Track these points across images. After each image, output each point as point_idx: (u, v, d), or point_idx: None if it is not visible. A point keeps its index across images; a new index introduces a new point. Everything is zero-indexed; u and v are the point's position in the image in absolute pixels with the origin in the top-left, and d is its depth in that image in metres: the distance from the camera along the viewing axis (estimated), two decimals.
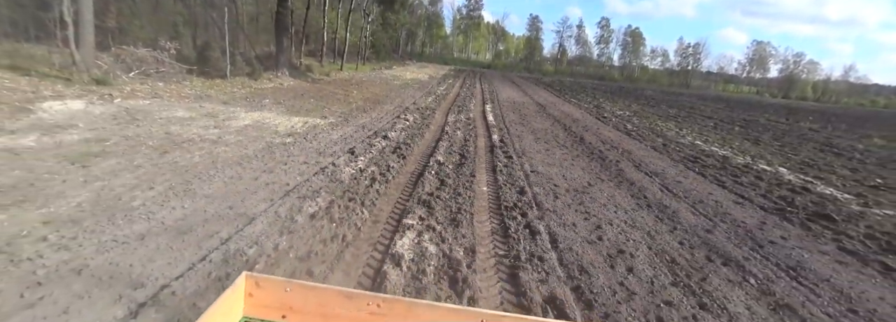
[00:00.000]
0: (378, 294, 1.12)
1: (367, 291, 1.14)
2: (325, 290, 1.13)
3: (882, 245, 5.04)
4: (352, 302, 1.11)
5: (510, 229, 4.04)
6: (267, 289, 1.13)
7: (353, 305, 1.11)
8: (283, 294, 1.12)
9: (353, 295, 1.12)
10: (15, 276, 2.48)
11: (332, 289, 1.14)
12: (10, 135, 4.83)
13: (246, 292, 1.13)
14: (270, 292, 1.13)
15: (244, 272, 1.15)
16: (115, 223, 3.26)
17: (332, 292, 1.12)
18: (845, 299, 3.60)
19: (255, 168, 4.93)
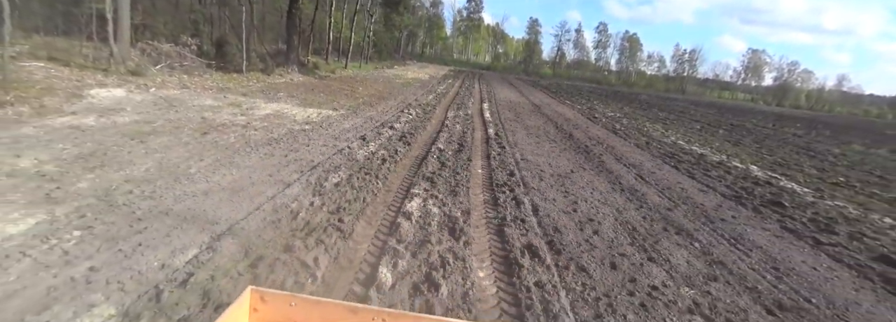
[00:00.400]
0: (383, 309, 1.12)
1: (372, 306, 1.14)
2: (330, 305, 1.13)
3: (820, 226, 5.87)
4: (357, 316, 1.10)
5: (499, 200, 4.85)
6: (271, 303, 1.14)
7: (358, 320, 1.11)
8: (288, 309, 1.13)
9: (357, 309, 1.11)
10: (120, 215, 3.27)
11: (337, 303, 1.13)
12: (73, 115, 5.61)
13: (251, 307, 1.14)
14: (275, 307, 1.14)
15: (249, 287, 1.15)
16: (180, 183, 4.05)
17: (336, 307, 1.12)
18: (771, 260, 4.42)
19: (282, 148, 5.73)
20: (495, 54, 78.17)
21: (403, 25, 34.75)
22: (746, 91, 77.63)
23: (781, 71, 77.59)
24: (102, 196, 3.54)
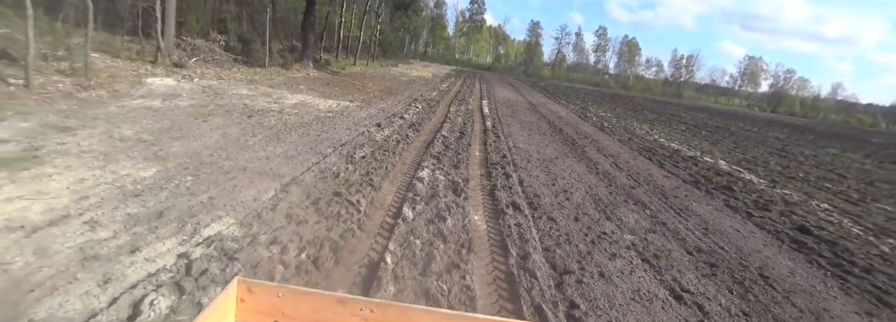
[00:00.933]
0: (371, 299, 1.13)
1: (360, 297, 1.13)
2: (318, 296, 1.13)
3: (758, 205, 7.06)
4: (345, 307, 1.11)
5: (492, 174, 6.03)
6: (259, 294, 1.14)
7: (346, 311, 1.11)
8: (276, 299, 1.13)
9: (346, 300, 1.11)
10: (213, 169, 4.44)
11: (325, 294, 1.14)
12: (143, 98, 6.78)
13: (238, 298, 1.14)
14: (263, 298, 1.13)
15: (236, 277, 1.14)
16: (245, 151, 5.22)
17: (324, 298, 1.12)
18: (704, 223, 5.60)
19: (314, 129, 6.90)
20: (496, 55, 79.41)
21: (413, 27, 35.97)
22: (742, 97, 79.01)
23: (777, 78, 78.98)
24: (193, 156, 4.71)
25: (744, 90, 79.11)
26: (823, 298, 3.87)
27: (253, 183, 4.19)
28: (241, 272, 2.62)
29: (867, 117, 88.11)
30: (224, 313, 1.09)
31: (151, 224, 3.09)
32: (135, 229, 2.98)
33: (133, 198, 3.46)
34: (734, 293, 3.69)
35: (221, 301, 1.06)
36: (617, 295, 3.27)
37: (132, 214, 3.19)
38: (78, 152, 4.22)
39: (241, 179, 4.24)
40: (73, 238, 2.74)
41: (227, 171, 4.40)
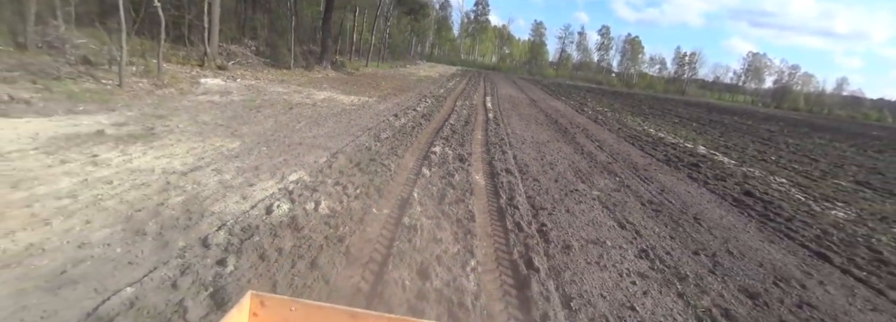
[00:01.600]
0: (383, 314, 1.12)
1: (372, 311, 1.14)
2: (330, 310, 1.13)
3: (717, 178, 8.36)
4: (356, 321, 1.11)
5: (491, 151, 7.43)
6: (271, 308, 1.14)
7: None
8: (288, 314, 1.13)
9: (357, 315, 1.11)
10: (278, 144, 5.88)
11: (337, 308, 1.13)
12: (204, 95, 8.27)
13: (250, 312, 1.14)
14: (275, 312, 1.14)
15: (249, 291, 1.16)
16: (295, 133, 6.67)
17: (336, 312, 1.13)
18: (662, 187, 6.94)
19: (344, 118, 8.35)
20: (501, 55, 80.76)
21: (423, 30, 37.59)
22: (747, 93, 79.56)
23: (782, 74, 79.44)
24: (260, 135, 6.16)
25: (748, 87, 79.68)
26: (738, 232, 5.21)
27: (310, 152, 5.63)
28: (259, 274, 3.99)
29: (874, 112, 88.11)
30: None
31: (253, 173, 4.53)
32: (245, 175, 4.42)
33: (233, 158, 4.91)
34: (667, 226, 5.04)
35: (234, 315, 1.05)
36: (575, 222, 4.64)
37: (239, 167, 4.63)
38: (180, 131, 5.68)
39: (300, 150, 5.68)
40: (210, 178, 4.19)
41: (288, 145, 5.84)
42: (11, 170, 3.61)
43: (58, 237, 2.72)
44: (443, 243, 3.44)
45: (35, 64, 7.05)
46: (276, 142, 5.93)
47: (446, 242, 3.48)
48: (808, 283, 3.90)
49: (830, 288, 3.88)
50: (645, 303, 3.08)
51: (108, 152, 4.43)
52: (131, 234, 2.90)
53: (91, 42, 9.28)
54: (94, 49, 8.88)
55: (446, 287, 2.78)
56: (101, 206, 3.23)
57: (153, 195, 3.58)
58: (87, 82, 7.11)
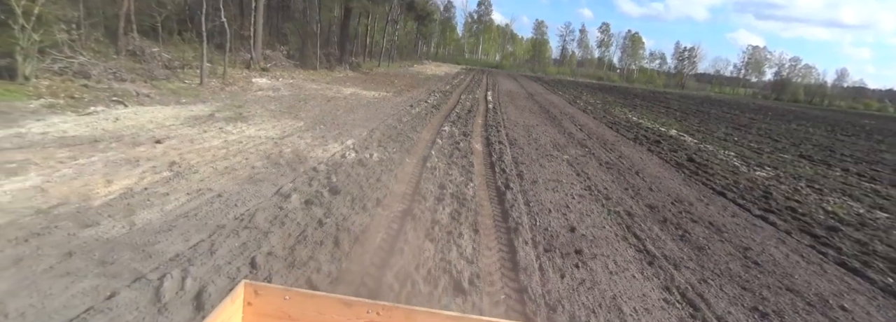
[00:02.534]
0: (377, 302, 1.14)
1: (366, 300, 1.16)
2: (324, 298, 1.15)
3: (671, 150, 10.34)
4: (351, 310, 1.13)
5: (489, 130, 9.51)
6: (266, 297, 1.16)
7: (352, 313, 1.13)
8: (282, 302, 1.15)
9: (351, 303, 1.13)
10: (329, 124, 8.01)
11: (331, 297, 1.16)
12: (260, 91, 10.43)
13: (245, 301, 1.16)
14: (269, 301, 1.16)
15: (243, 281, 1.17)
16: (339, 117, 8.79)
17: (330, 300, 1.15)
18: (621, 155, 8.96)
19: (371, 108, 10.47)
20: (504, 54, 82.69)
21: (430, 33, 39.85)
22: (747, 86, 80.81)
23: (782, 67, 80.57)
24: (314, 118, 8.29)
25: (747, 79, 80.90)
26: (664, 180, 7.24)
27: (354, 128, 7.75)
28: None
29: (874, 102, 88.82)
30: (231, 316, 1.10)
31: (322, 139, 6.65)
32: (318, 140, 6.54)
33: (305, 131, 7.04)
34: (612, 175, 7.09)
35: (228, 304, 1.08)
36: (544, 171, 6.70)
37: (312, 136, 6.76)
38: (259, 115, 7.83)
39: (346, 127, 7.80)
40: (298, 141, 6.31)
41: (337, 124, 7.97)
42: (182, 135, 5.75)
43: (238, 164, 4.85)
44: (452, 175, 5.54)
45: (137, 68, 9.23)
46: (328, 122, 8.05)
47: (455, 175, 5.57)
48: (697, 204, 5.94)
49: (711, 207, 5.91)
50: (577, 206, 5.15)
51: (225, 126, 6.58)
52: (273, 165, 5.03)
53: (162, 50, 11.46)
54: (167, 56, 11.06)
55: (454, 193, 4.87)
56: (247, 152, 5.36)
57: (271, 148, 5.71)
58: (176, 82, 9.28)
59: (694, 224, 5.00)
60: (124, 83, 7.89)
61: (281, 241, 3.19)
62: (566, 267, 3.40)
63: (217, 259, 2.81)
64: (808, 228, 5.32)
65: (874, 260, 4.43)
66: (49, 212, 3.18)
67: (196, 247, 2.93)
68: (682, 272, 3.61)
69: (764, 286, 3.55)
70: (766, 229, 5.14)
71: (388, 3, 22.31)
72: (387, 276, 2.83)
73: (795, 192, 7.32)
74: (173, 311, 2.26)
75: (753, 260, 4.10)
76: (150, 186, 3.90)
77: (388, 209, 4.11)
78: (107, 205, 3.41)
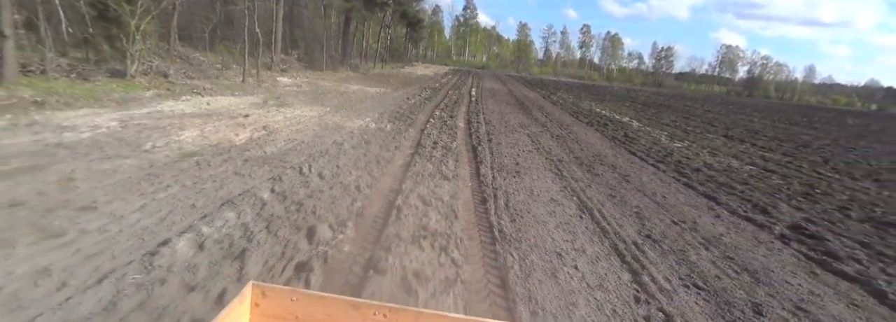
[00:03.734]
0: (384, 304, 1.14)
1: (373, 301, 1.16)
2: (332, 300, 1.15)
3: (613, 130, 13.09)
4: (358, 311, 1.13)
5: (470, 116, 12.20)
6: (273, 299, 1.16)
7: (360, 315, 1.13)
8: (290, 304, 1.15)
9: (359, 305, 1.14)
10: (350, 109, 10.63)
11: (339, 298, 1.16)
12: (287, 87, 13.00)
13: (252, 302, 1.16)
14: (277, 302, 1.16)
15: (251, 282, 1.18)
16: (354, 106, 11.41)
17: (338, 302, 1.15)
18: (571, 133, 11.70)
19: (376, 100, 13.09)
20: (491, 55, 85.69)
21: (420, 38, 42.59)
22: (721, 84, 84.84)
23: (754, 64, 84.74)
24: (336, 106, 10.90)
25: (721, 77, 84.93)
26: (596, 146, 9.97)
27: (368, 113, 10.38)
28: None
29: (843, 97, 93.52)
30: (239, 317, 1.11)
31: (349, 118, 9.27)
32: (345, 118, 9.16)
33: (333, 113, 9.66)
34: (558, 143, 9.79)
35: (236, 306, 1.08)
36: (507, 139, 9.38)
37: (340, 116, 9.37)
38: (296, 103, 10.41)
39: (363, 111, 10.43)
40: (331, 118, 8.93)
41: (355, 109, 10.59)
42: (256, 113, 8.32)
43: (302, 128, 7.45)
44: (442, 138, 8.19)
45: (193, 69, 11.74)
46: (347, 108, 10.67)
47: (444, 138, 8.22)
48: (610, 157, 8.67)
49: (620, 159, 8.64)
50: (525, 155, 7.83)
51: (279, 109, 9.17)
52: (323, 129, 7.64)
53: (200, 55, 13.96)
54: (206, 60, 13.56)
55: (443, 145, 7.53)
56: (304, 123, 7.97)
57: (318, 121, 8.32)
58: (224, 80, 11.80)
59: (601, 165, 7.72)
60: (192, 80, 10.41)
61: (346, 160, 5.81)
62: (508, 176, 6.06)
63: (318, 165, 5.42)
64: (679, 169, 8.07)
65: (709, 183, 7.19)
66: (218, 145, 5.76)
67: (305, 160, 5.54)
68: (577, 182, 6.30)
69: (625, 190, 6.26)
70: (649, 169, 7.88)
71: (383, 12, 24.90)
72: (407, 177, 5.45)
73: (693, 155, 10.10)
74: (311, 178, 4.87)
75: (627, 180, 6.81)
76: (260, 137, 6.49)
77: (401, 151, 6.76)
78: (245, 144, 6.01)
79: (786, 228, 5.05)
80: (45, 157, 4.42)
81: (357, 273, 2.86)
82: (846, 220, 5.60)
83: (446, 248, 3.34)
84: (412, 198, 4.43)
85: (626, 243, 3.99)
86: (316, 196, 4.20)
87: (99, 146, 4.99)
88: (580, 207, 4.99)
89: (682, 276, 3.43)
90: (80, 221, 3.09)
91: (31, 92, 6.44)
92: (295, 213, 3.69)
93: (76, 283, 2.36)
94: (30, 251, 2.63)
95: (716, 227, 4.79)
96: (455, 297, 2.71)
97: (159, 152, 5.09)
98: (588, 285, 3.08)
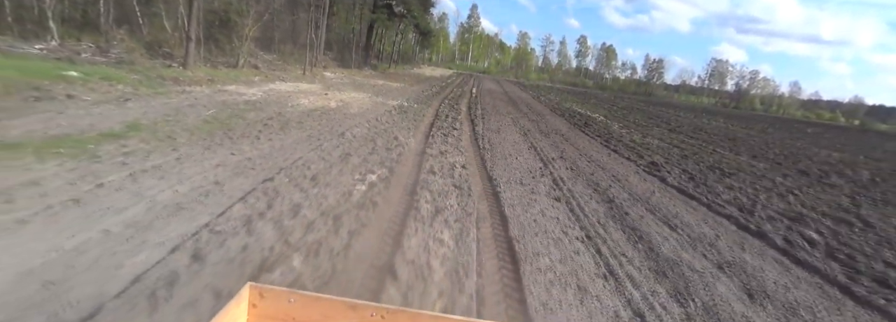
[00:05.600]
0: (382, 305, 1.14)
1: (371, 303, 1.15)
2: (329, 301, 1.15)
3: (581, 121, 17.27)
4: (355, 312, 1.13)
5: (471, 105, 16.35)
6: (270, 300, 1.16)
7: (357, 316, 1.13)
8: (287, 305, 1.15)
9: (356, 306, 1.14)
10: (384, 95, 14.79)
11: (335, 300, 1.16)
12: (331, 79, 17.15)
13: (250, 303, 1.17)
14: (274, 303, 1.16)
15: (248, 283, 1.17)
16: (386, 93, 15.55)
17: (335, 303, 1.15)
18: (546, 121, 15.85)
19: (400, 91, 17.23)
20: (492, 60, 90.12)
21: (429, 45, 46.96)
22: (711, 96, 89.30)
23: (742, 78, 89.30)
24: (374, 92, 15.04)
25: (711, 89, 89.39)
26: (560, 129, 14.12)
27: (398, 98, 14.51)
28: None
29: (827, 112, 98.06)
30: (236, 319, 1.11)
31: (387, 100, 13.40)
32: (386, 99, 13.28)
33: (375, 97, 13.79)
34: (533, 124, 13.92)
35: (233, 307, 1.09)
36: (495, 118, 13.51)
37: (382, 98, 13.51)
38: (347, 90, 14.54)
39: (394, 97, 14.56)
40: (376, 99, 13.06)
41: (388, 96, 14.73)
42: (328, 94, 12.44)
43: (361, 104, 11.58)
44: (451, 114, 12.31)
45: (266, 65, 15.85)
46: (382, 95, 14.80)
47: (452, 114, 12.35)
48: (565, 132, 12.83)
49: (571, 133, 12.79)
50: (505, 128, 11.99)
51: (337, 92, 13.30)
52: (374, 104, 11.77)
53: (265, 54, 18.08)
54: (270, 58, 17.68)
55: (452, 117, 11.67)
56: (361, 101, 12.10)
57: (368, 100, 12.45)
58: (289, 73, 15.93)
59: (555, 135, 11.86)
60: (274, 71, 14.54)
61: (397, 118, 9.92)
62: (492, 132, 10.17)
63: (383, 119, 9.54)
64: (608, 140, 12.19)
65: (622, 147, 11.33)
66: (323, 107, 9.88)
67: (374, 116, 9.64)
68: (534, 139, 10.42)
69: (563, 144, 10.39)
70: (588, 138, 12.01)
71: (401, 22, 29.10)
72: (434, 127, 9.54)
73: (628, 135, 14.23)
74: (382, 124, 8.97)
75: (568, 141, 10.91)
76: (341, 105, 10.61)
77: (427, 118, 10.87)
78: (336, 107, 10.14)
79: (645, 163, 9.16)
80: (251, 104, 8.54)
81: (413, 148, 6.97)
82: (691, 166, 9.76)
83: (459, 148, 7.46)
84: (438, 135, 8.54)
85: (548, 158, 8.11)
86: (388, 131, 8.31)
87: (267, 103, 9.11)
88: (530, 147, 9.12)
89: (570, 169, 7.55)
90: (304, 126, 7.21)
91: (202, 73, 10.56)
92: (383, 133, 7.80)
93: (325, 137, 6.48)
94: (295, 134, 6.75)
95: (605, 159, 8.93)
96: (457, 165, 6.83)
97: (297, 108, 9.21)
98: (521, 165, 7.21)
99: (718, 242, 4.52)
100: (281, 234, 3.12)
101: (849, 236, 5.31)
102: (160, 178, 3.98)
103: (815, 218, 5.98)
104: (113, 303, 2.14)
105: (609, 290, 3.13)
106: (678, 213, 5.45)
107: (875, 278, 4.00)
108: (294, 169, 4.83)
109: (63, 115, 5.45)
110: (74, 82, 7.05)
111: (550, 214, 4.65)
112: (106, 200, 3.34)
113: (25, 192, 3.23)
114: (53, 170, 3.74)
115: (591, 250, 3.82)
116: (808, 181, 9.40)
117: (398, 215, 3.93)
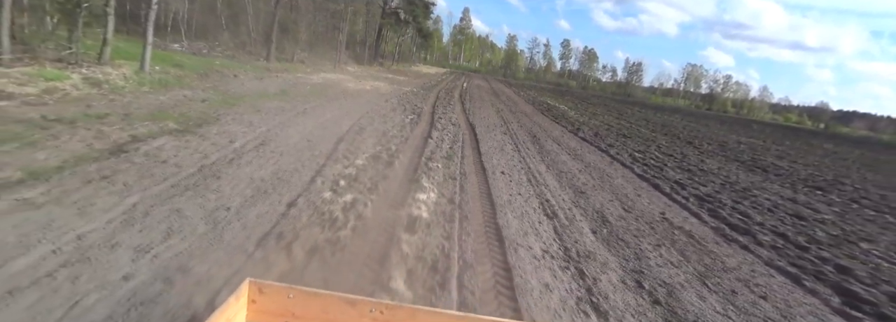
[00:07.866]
0: (381, 300, 1.15)
1: (369, 298, 1.17)
2: (328, 297, 1.16)
3: (554, 113, 22.27)
4: (354, 308, 1.14)
5: (462, 95, 21.26)
6: (270, 295, 1.17)
7: (356, 311, 1.14)
8: (286, 300, 1.16)
9: (355, 301, 1.15)
10: (399, 83, 19.63)
11: (335, 295, 1.17)
12: (354, 72, 21.95)
13: (249, 299, 1.18)
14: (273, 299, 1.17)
15: (248, 279, 1.18)
16: (398, 84, 20.40)
17: (334, 299, 1.16)
18: (523, 112, 20.81)
19: (406, 83, 22.06)
20: (483, 60, 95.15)
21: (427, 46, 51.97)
22: (686, 98, 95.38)
23: (716, 82, 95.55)
24: (389, 83, 19.87)
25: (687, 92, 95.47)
26: (533, 118, 19.09)
27: (407, 85, 19.36)
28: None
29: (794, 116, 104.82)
30: (235, 314, 1.12)
31: (401, 87, 18.23)
32: (400, 87, 18.12)
33: (391, 85, 18.62)
34: (508, 111, 18.87)
35: (232, 302, 1.10)
36: (479, 104, 18.43)
37: (396, 86, 18.35)
38: (369, 80, 19.35)
39: (404, 86, 19.40)
40: (393, 86, 17.89)
41: (401, 85, 19.57)
42: (361, 82, 17.23)
43: (385, 90, 16.42)
44: (446, 100, 17.21)
45: (308, 62, 20.54)
46: (396, 84, 19.61)
47: (447, 99, 17.24)
48: (532, 116, 17.81)
49: (536, 118, 17.77)
50: (487, 108, 16.92)
51: (365, 81, 18.10)
52: (393, 90, 16.61)
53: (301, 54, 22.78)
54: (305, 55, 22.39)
55: (446, 101, 16.56)
56: (384, 88, 16.92)
57: (388, 87, 17.27)
58: (322, 67, 20.63)
59: (523, 116, 16.83)
60: (315, 65, 19.26)
61: (413, 98, 14.76)
62: (477, 110, 15.07)
63: (406, 98, 14.38)
64: (564, 121, 17.18)
65: (568, 124, 16.32)
66: (362, 89, 14.69)
67: (398, 96, 14.47)
68: (505, 115, 15.34)
69: (529, 123, 15.35)
70: (549, 120, 17.00)
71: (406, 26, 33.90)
72: (437, 104, 14.40)
73: (581, 119, 19.25)
74: (407, 100, 13.81)
75: (532, 120, 15.86)
76: (373, 89, 15.43)
77: (431, 98, 15.73)
78: (370, 90, 14.96)
79: (573, 129, 14.10)
80: (320, 86, 13.31)
81: (427, 110, 11.85)
82: (604, 132, 14.76)
83: (454, 111, 12.35)
84: (440, 106, 13.37)
85: (509, 121, 13.02)
86: (411, 103, 13.13)
87: (328, 85, 13.89)
88: (500, 118, 14.03)
89: (520, 126, 12.48)
90: (361, 97, 12.04)
91: (279, 65, 15.28)
92: (407, 104, 12.63)
93: (376, 102, 11.34)
94: (359, 100, 11.59)
95: (547, 126, 13.89)
96: (453, 118, 11.74)
97: (350, 89, 14.00)
98: (491, 123, 12.13)
99: (580, 152, 9.46)
100: (383, 130, 7.99)
101: (652, 153, 10.32)
102: (323, 109, 8.80)
103: (651, 154, 10.98)
104: (346, 136, 7.00)
105: (516, 155, 8.04)
106: (570, 144, 10.38)
107: (631, 156, 9.00)
108: (372, 112, 9.66)
109: (244, 86, 10.22)
110: (222, 69, 11.77)
111: (499, 138, 9.55)
112: (311, 114, 8.15)
113: (274, 111, 8.02)
114: (277, 104, 8.54)
115: (515, 146, 8.72)
116: (680, 143, 14.44)
117: (427, 128, 8.80)
